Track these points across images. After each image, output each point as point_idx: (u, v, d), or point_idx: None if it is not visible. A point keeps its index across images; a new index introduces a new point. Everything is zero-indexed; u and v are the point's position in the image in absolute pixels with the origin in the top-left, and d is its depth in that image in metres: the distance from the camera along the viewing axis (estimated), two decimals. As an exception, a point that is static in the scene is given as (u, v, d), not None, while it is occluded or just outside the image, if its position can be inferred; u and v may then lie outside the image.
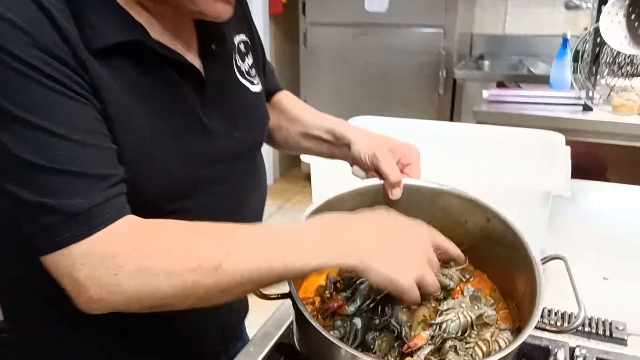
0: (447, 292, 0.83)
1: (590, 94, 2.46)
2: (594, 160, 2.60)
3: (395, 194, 0.90)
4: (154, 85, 0.76)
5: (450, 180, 0.97)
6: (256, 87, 0.95)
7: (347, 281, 0.83)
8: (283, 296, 0.75)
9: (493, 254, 0.87)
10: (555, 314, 1.01)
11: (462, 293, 0.85)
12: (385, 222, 0.76)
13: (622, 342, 0.95)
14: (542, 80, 2.89)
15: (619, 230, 1.40)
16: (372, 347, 0.75)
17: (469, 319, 0.77)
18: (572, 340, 0.95)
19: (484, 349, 0.74)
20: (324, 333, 0.66)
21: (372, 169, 0.93)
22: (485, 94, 2.63)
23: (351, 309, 0.77)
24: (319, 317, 0.79)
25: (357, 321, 0.77)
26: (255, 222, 0.97)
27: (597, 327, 0.97)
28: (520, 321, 0.78)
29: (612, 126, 2.41)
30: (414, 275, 0.70)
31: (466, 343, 0.75)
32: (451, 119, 3.52)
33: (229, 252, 0.66)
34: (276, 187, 4.26)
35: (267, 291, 0.75)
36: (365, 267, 0.69)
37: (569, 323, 0.97)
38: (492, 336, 0.75)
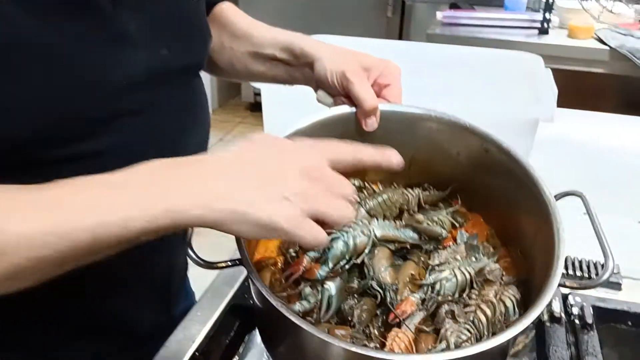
0: (437, 241, 0.70)
1: (547, 16, 2.35)
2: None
3: (371, 124, 0.72)
4: None
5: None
6: None
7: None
8: (233, 263, 0.59)
9: (491, 191, 0.73)
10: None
11: (455, 241, 0.72)
12: (249, 156, 0.54)
13: (617, 286, 0.86)
14: (497, 3, 2.75)
15: (594, 160, 1.32)
16: (350, 318, 0.61)
17: (467, 276, 0.63)
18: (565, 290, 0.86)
19: (489, 312, 0.60)
20: (282, 311, 0.51)
21: (341, 93, 0.74)
22: (439, 15, 2.49)
23: (321, 272, 0.61)
24: (283, 282, 0.64)
25: (330, 286, 0.61)
26: None
27: (589, 271, 0.88)
28: (529, 272, 0.66)
29: (568, 50, 2.33)
30: (302, 211, 0.49)
31: (465, 306, 0.62)
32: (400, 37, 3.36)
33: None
34: (215, 117, 4.00)
35: (210, 258, 0.59)
36: (227, 217, 0.48)
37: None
38: (496, 295, 0.62)
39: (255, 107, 3.96)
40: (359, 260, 0.63)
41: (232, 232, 0.50)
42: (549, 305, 0.79)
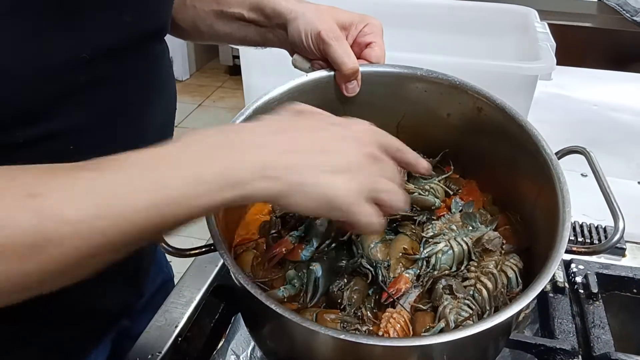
0: (431, 212, 0.64)
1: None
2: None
3: (352, 88, 0.66)
4: None
5: (415, 63, 0.75)
6: None
7: (298, 214, 0.62)
8: (207, 249, 0.53)
9: (486, 154, 0.67)
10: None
11: (449, 210, 0.67)
12: (300, 124, 0.50)
13: (621, 251, 0.82)
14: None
15: (591, 118, 1.27)
16: (339, 300, 0.56)
17: (464, 247, 0.59)
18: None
19: (490, 285, 0.56)
20: (261, 299, 0.46)
21: (318, 56, 0.67)
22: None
23: (305, 253, 0.57)
24: (266, 265, 0.58)
25: (316, 268, 0.56)
26: (163, 138, 0.72)
27: (590, 236, 0.84)
28: (531, 239, 0.61)
29: (555, 3, 2.26)
30: (361, 188, 0.45)
31: (464, 279, 0.58)
32: None
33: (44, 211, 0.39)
34: (192, 82, 3.89)
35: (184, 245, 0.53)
36: (283, 188, 0.43)
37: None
38: (497, 266, 0.58)
39: (235, 70, 3.84)
40: (345, 237, 0.59)
41: (290, 206, 0.45)
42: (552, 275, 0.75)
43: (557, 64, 1.51)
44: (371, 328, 0.54)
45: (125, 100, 0.61)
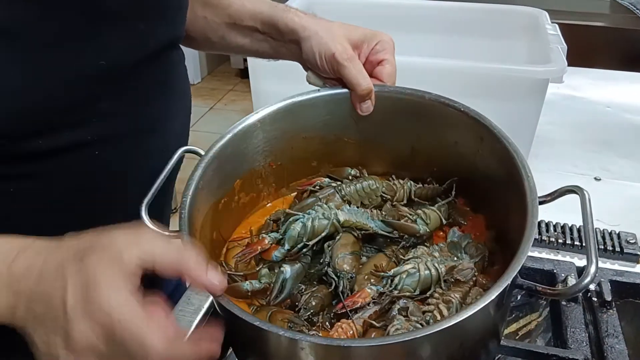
0: (417, 238, 0.62)
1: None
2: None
3: (366, 108, 0.66)
4: None
5: (424, 69, 0.75)
6: None
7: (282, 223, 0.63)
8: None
9: (492, 189, 0.63)
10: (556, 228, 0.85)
11: (445, 239, 0.65)
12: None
13: (634, 258, 0.80)
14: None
15: (604, 120, 1.25)
16: (297, 303, 0.57)
17: (433, 272, 0.56)
18: (576, 260, 0.80)
19: (446, 313, 0.53)
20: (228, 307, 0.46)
21: (332, 75, 0.67)
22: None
23: (277, 254, 0.59)
24: (243, 262, 0.61)
25: (286, 269, 0.58)
26: (182, 143, 0.72)
27: (604, 242, 0.82)
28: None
29: (567, 3, 2.24)
30: None
31: (427, 304, 0.55)
32: None
33: None
34: (204, 85, 3.90)
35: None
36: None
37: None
38: (463, 297, 0.55)
39: (246, 73, 3.79)
40: (311, 243, 0.59)
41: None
42: (564, 282, 0.73)
43: (570, 64, 1.49)
44: (319, 334, 0.54)
45: (146, 107, 0.62)
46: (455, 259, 0.60)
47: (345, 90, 0.66)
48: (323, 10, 1.15)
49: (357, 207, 0.65)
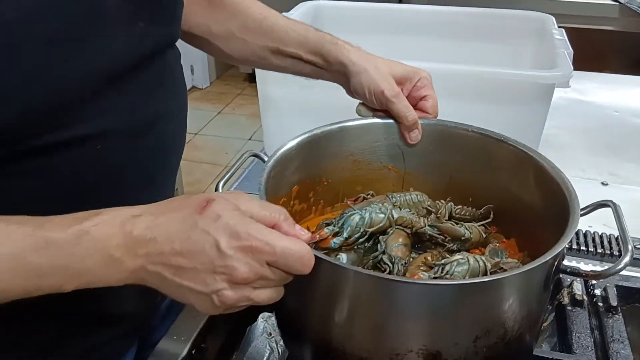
0: (461, 242, 0.66)
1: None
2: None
3: (415, 137, 0.73)
4: None
5: (431, 74, 0.76)
6: None
7: (339, 218, 0.66)
8: None
9: (525, 212, 0.68)
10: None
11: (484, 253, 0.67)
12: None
13: (641, 263, 0.80)
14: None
15: (612, 124, 1.25)
16: None
17: (481, 264, 0.59)
18: (582, 265, 0.80)
19: None
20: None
21: (380, 109, 0.73)
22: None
23: (335, 241, 0.62)
24: None
25: (342, 256, 0.62)
26: (179, 146, 0.73)
27: (610, 247, 0.82)
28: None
29: (577, 7, 2.24)
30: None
31: None
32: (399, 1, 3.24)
33: None
34: (213, 89, 3.92)
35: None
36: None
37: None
38: None
39: (254, 77, 3.86)
40: (370, 231, 0.63)
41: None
42: (570, 287, 0.73)
43: (578, 68, 1.49)
44: None
45: (146, 105, 0.63)
46: (495, 259, 0.63)
47: (393, 121, 0.73)
48: (329, 16, 1.16)
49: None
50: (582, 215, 0.58)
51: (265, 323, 0.77)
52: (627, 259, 0.53)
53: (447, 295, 0.50)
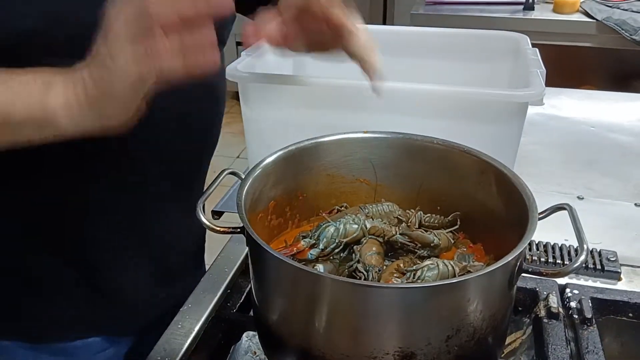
0: (431, 248, 0.69)
1: (532, -8, 2.31)
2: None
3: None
4: None
5: (407, 94, 0.78)
6: None
7: (314, 230, 0.70)
8: (235, 230, 0.61)
9: (491, 218, 0.70)
10: (539, 247, 0.87)
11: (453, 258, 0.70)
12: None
13: (616, 275, 0.82)
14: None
15: (586, 140, 1.28)
16: None
17: (450, 269, 0.62)
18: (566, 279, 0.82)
19: None
20: (270, 251, 0.54)
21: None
22: (423, -6, 2.42)
23: (312, 252, 0.66)
24: None
25: (320, 267, 0.65)
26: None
27: (585, 260, 0.84)
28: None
29: (554, 25, 2.29)
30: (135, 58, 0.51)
31: None
32: (384, 23, 3.30)
33: None
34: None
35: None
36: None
37: (561, 260, 0.84)
38: None
39: (240, 96, 3.88)
40: (344, 241, 0.67)
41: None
42: (546, 300, 0.75)
43: (557, 85, 1.53)
44: None
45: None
46: (463, 263, 0.66)
47: (367, 135, 0.74)
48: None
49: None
50: (540, 218, 0.60)
51: (250, 342, 0.78)
52: (582, 257, 0.55)
53: (418, 298, 0.52)
